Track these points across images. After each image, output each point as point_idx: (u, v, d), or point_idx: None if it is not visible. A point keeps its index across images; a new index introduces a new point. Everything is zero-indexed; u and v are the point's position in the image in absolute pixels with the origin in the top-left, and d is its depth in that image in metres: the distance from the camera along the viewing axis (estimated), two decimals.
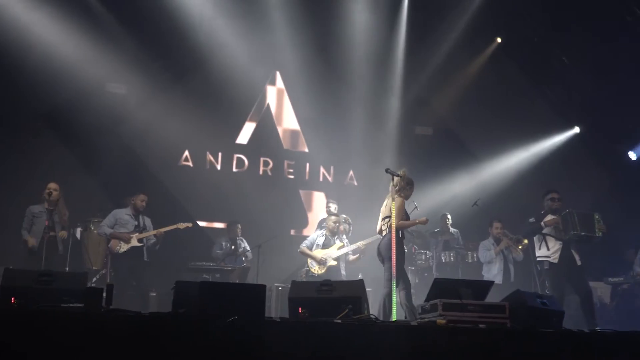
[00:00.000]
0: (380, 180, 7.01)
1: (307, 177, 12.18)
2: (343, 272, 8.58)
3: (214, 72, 10.72)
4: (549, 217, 7.34)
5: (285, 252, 9.83)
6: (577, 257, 7.17)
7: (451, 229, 10.18)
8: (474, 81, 11.13)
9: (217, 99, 10.87)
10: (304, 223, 11.78)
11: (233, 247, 9.64)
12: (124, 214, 8.30)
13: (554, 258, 7.21)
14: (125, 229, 8.16)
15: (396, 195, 6.82)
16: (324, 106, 11.80)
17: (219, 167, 11.46)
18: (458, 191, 11.11)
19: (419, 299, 6.79)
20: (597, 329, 5.99)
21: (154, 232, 8.31)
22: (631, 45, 9.95)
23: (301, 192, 12.16)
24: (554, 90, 11.21)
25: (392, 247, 6.46)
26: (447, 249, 9.96)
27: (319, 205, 11.76)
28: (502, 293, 6.88)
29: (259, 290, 4.03)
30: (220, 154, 11.44)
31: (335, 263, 8.52)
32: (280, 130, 12.12)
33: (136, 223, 8.25)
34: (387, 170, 6.81)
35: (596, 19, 9.93)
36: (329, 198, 10.95)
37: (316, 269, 8.47)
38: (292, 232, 11.59)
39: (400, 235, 6.83)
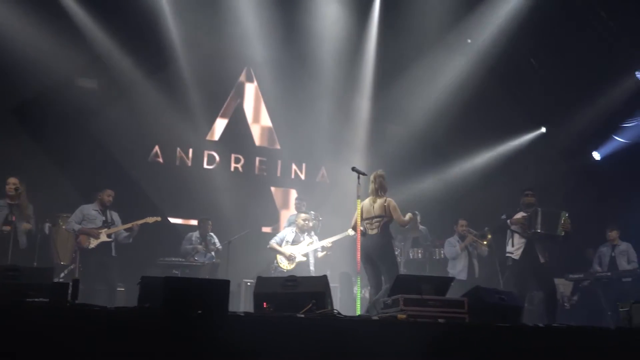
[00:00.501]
0: (352, 179, 7.15)
1: (278, 174, 12.26)
2: (312, 268, 8.73)
3: (185, 68, 10.78)
4: (518, 215, 7.49)
5: (256, 248, 9.94)
6: (540, 255, 7.27)
7: (420, 227, 10.38)
8: (444, 81, 11.28)
9: (189, 95, 10.88)
10: (275, 220, 11.88)
11: (203, 242, 9.71)
12: (91, 210, 8.28)
13: (516, 255, 7.37)
14: (94, 225, 8.15)
15: (386, 197, 7.08)
16: (296, 103, 11.87)
17: (189, 163, 11.48)
18: (427, 189, 11.28)
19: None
20: (554, 324, 6.18)
21: (129, 225, 8.29)
22: (596, 47, 10.23)
23: (273, 189, 12.25)
24: (522, 90, 11.42)
25: (357, 244, 6.63)
26: (416, 246, 10.15)
27: (291, 203, 11.86)
28: (466, 289, 7.09)
29: (223, 286, 4.13)
30: (190, 150, 11.47)
31: (304, 259, 8.67)
32: (252, 127, 12.17)
33: (104, 218, 8.23)
34: (353, 169, 6.99)
35: (563, 22, 10.17)
36: (300, 195, 11.08)
37: (285, 265, 8.61)
38: (263, 229, 11.67)
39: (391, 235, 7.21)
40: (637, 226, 9.45)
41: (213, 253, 9.68)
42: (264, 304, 4.89)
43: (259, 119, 12.29)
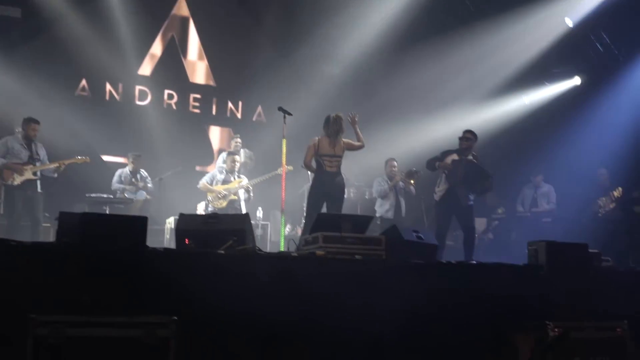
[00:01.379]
0: (289, 118, 7.22)
1: (214, 112, 12.12)
2: (243, 206, 8.85)
3: None
4: (450, 158, 7.61)
5: (189, 186, 9.89)
6: (462, 199, 7.44)
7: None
8: (379, 20, 11.21)
9: (118, 27, 10.52)
10: (210, 159, 11.82)
11: (134, 179, 9.64)
12: (15, 143, 8.01)
13: (438, 196, 7.60)
14: (18, 159, 7.90)
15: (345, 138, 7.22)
16: (232, 39, 11.67)
17: (119, 98, 11.21)
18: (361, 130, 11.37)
19: None
20: (472, 262, 6.50)
21: (55, 164, 8.07)
22: None
23: (207, 127, 12.12)
24: (457, 31, 11.46)
25: (282, 183, 6.76)
26: (348, 186, 10.33)
27: (226, 142, 11.77)
28: None
29: (141, 222, 4.18)
30: (120, 85, 11.19)
31: (235, 198, 8.76)
32: (185, 62, 11.92)
33: (29, 153, 7.97)
34: (279, 109, 7.06)
35: None
36: (235, 134, 10.98)
37: (217, 203, 8.69)
38: (198, 167, 11.60)
39: None
40: (560, 169, 9.92)
41: (144, 190, 9.63)
42: (186, 240, 4.97)
43: (193, 54, 12.01)
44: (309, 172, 7.57)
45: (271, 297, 4.42)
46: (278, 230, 9.53)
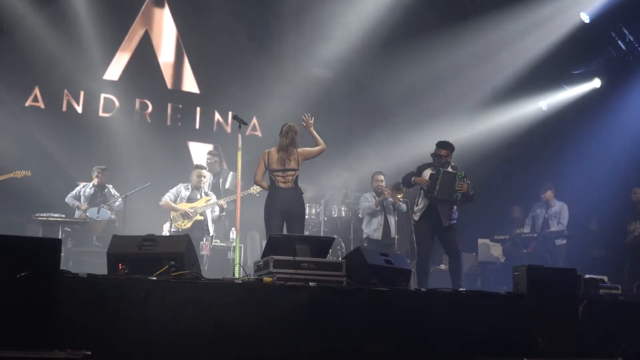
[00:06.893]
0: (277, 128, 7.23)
1: (197, 126, 11.65)
2: (211, 226, 8.85)
3: None
4: (427, 172, 7.57)
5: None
6: (444, 218, 7.33)
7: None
8: (381, 24, 11.17)
9: (82, 25, 10.24)
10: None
11: (100, 194, 9.58)
12: None
13: (417, 215, 7.51)
14: None
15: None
16: (217, 38, 11.38)
17: (79, 109, 10.87)
18: (356, 140, 11.37)
19: None
20: (461, 289, 6.44)
21: None
22: None
23: (190, 144, 11.64)
24: (462, 30, 11.42)
25: (237, 202, 6.78)
26: (343, 204, 10.31)
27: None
28: (381, 249, 7.31)
29: (53, 245, 4.20)
30: (82, 93, 10.86)
31: (201, 218, 8.75)
32: (162, 64, 11.51)
33: None
34: (234, 117, 7.14)
35: None
36: (214, 150, 10.66)
37: (180, 223, 8.67)
38: None
39: None
40: (573, 184, 9.85)
41: (110, 207, 9.58)
42: (119, 265, 4.97)
43: (164, 54, 11.52)
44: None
45: (199, 330, 4.42)
46: (257, 253, 9.53)
